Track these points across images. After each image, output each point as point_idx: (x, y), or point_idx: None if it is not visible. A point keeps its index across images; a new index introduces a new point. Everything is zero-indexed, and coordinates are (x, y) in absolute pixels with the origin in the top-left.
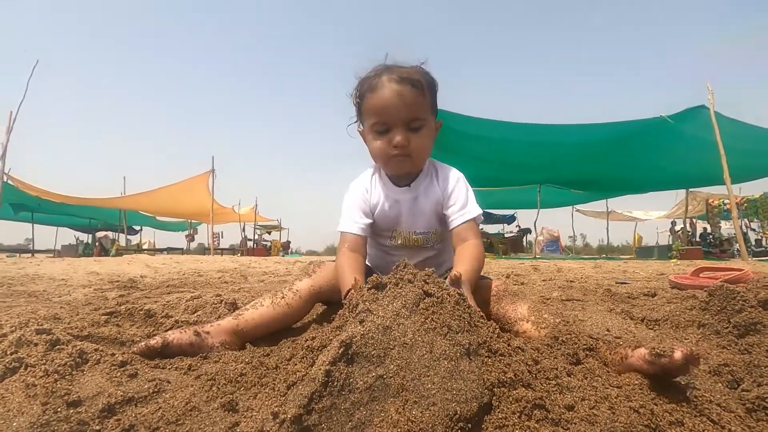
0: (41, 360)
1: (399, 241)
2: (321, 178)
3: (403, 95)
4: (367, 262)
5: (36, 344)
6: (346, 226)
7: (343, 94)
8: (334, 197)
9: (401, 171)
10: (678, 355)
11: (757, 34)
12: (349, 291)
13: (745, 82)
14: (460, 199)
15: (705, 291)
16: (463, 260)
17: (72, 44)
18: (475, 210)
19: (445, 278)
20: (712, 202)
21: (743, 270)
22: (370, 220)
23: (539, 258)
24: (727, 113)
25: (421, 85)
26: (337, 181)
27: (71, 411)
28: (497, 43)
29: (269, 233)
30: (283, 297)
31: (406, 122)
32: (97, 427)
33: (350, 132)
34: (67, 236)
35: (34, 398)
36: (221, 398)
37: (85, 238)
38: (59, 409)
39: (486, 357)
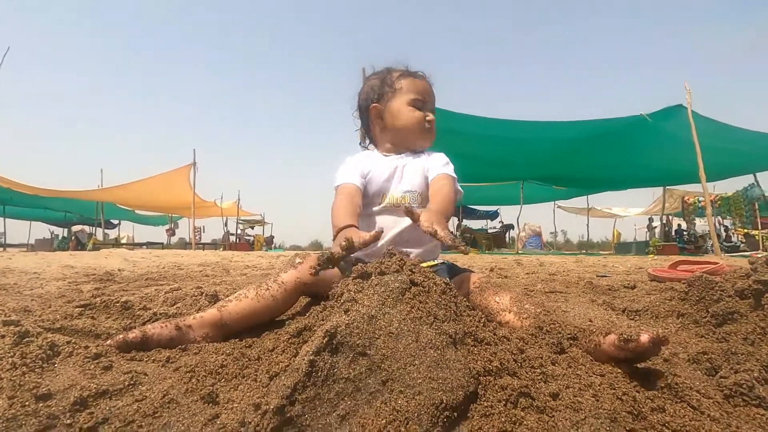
0: (8, 353)
1: (387, 201)
2: (305, 172)
3: (433, 91)
4: None
5: (3, 336)
6: (343, 179)
7: (331, 92)
8: (317, 192)
9: (427, 142)
10: (645, 338)
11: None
12: (340, 230)
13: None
14: (442, 161)
15: (684, 282)
16: (436, 198)
17: (44, 31)
18: (453, 174)
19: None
20: (688, 199)
21: (718, 263)
22: (364, 180)
23: (522, 253)
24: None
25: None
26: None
27: (40, 404)
28: (484, 40)
29: (252, 228)
30: (267, 289)
31: (432, 110)
32: (68, 421)
33: (354, 118)
34: (42, 230)
35: (0, 392)
36: (201, 390)
37: (61, 232)
38: (27, 403)
39: (472, 346)
